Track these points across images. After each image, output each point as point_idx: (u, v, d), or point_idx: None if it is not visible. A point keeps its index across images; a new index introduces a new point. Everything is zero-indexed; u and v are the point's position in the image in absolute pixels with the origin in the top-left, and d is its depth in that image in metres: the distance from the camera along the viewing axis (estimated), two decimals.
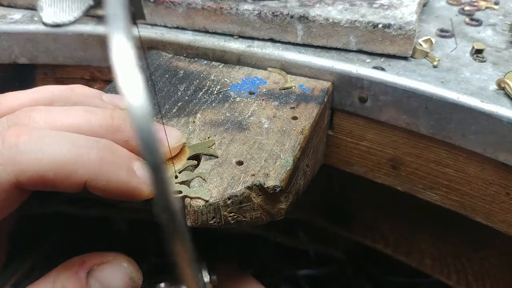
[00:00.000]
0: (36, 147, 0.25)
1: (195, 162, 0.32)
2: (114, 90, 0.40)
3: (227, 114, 0.37)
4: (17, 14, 0.50)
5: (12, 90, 0.51)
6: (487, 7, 0.52)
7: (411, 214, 0.52)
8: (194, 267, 0.18)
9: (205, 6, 0.44)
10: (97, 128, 0.28)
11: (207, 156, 0.33)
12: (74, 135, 0.26)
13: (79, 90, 0.32)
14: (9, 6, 0.51)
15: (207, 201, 0.29)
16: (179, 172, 0.31)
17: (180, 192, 0.29)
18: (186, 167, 0.31)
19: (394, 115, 0.39)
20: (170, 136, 0.30)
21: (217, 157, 0.32)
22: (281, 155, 0.32)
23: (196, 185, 0.30)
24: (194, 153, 0.32)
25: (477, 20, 0.49)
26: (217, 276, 0.36)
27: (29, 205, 0.28)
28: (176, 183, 0.30)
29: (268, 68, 0.42)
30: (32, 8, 0.50)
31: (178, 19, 0.46)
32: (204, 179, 0.30)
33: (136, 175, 0.27)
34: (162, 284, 0.34)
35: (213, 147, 0.33)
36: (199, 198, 0.29)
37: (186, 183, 0.30)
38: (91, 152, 0.25)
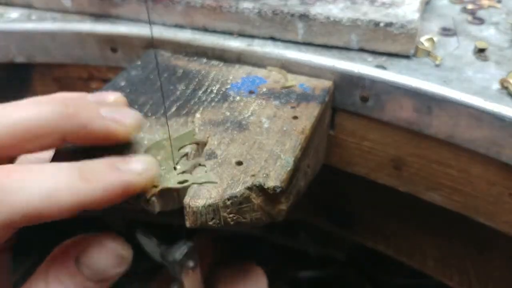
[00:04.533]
0: (23, 186, 0.24)
1: (187, 151, 0.32)
2: (111, 89, 0.39)
3: (227, 114, 0.36)
4: (14, 13, 0.49)
5: (9, 89, 0.51)
6: (489, 6, 0.52)
7: (413, 215, 0.51)
8: None
9: (204, 4, 0.44)
10: (49, 117, 0.27)
11: (206, 155, 0.32)
12: (55, 164, 0.26)
13: (58, 96, 0.31)
14: (6, 4, 0.51)
15: (216, 182, 0.29)
16: (176, 164, 0.30)
17: (186, 181, 0.29)
18: (181, 158, 0.31)
19: (396, 114, 0.39)
20: (126, 116, 0.30)
21: (205, 144, 0.33)
22: (282, 155, 0.32)
23: (199, 171, 0.30)
24: (182, 144, 0.32)
25: (479, 19, 0.48)
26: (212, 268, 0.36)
27: None
28: (178, 174, 0.30)
29: (268, 67, 0.42)
30: (29, 6, 0.50)
31: (176, 17, 0.45)
32: (204, 165, 0.30)
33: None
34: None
35: (195, 136, 0.33)
36: (208, 182, 0.29)
37: (187, 172, 0.30)
38: (74, 174, 0.25)
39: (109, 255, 0.28)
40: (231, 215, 0.29)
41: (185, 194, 0.29)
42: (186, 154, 0.32)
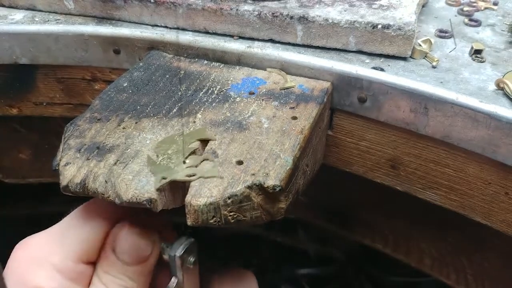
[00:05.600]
0: None
1: (197, 146, 0.33)
2: (114, 90, 0.40)
3: (227, 114, 0.37)
4: (18, 15, 0.50)
5: (14, 90, 0.52)
6: (486, 8, 0.52)
7: (411, 214, 0.52)
8: None
9: (205, 7, 0.44)
10: None
11: (207, 155, 0.33)
12: None
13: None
14: (10, 6, 0.51)
15: (222, 178, 0.30)
16: (186, 158, 0.32)
17: (195, 174, 0.30)
18: (190, 153, 0.32)
19: (393, 115, 0.39)
20: None
21: (215, 139, 0.34)
22: (281, 155, 0.33)
23: (207, 166, 0.31)
24: (193, 140, 0.34)
25: (476, 21, 0.49)
26: (214, 272, 0.37)
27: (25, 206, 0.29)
28: (186, 167, 0.31)
29: (268, 69, 0.43)
30: (33, 8, 0.51)
31: (178, 19, 0.46)
32: (212, 161, 0.32)
33: None
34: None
35: (206, 133, 0.35)
36: (214, 177, 0.30)
37: (195, 167, 0.31)
38: None
39: (135, 236, 0.32)
40: (231, 214, 0.30)
41: (187, 192, 0.30)
42: (195, 150, 0.33)
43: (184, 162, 0.32)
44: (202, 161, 0.32)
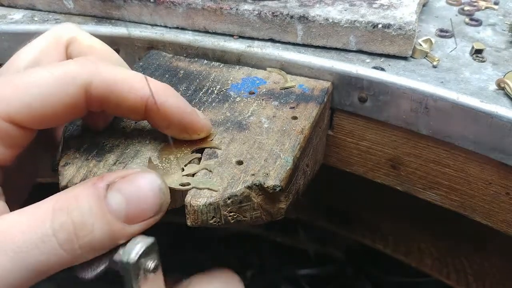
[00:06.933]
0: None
1: (199, 155, 0.33)
2: None
3: (227, 114, 0.37)
4: (17, 14, 0.50)
5: None
6: (487, 7, 0.52)
7: (411, 214, 0.52)
8: None
9: (205, 6, 0.44)
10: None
11: (207, 155, 0.33)
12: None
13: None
14: (9, 6, 0.51)
15: (216, 191, 0.29)
16: (185, 166, 0.31)
17: (189, 184, 0.30)
18: (191, 160, 0.32)
19: (393, 115, 0.39)
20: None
21: (220, 149, 0.33)
22: (281, 155, 0.32)
23: (204, 176, 0.31)
24: (197, 146, 0.33)
25: (476, 20, 0.49)
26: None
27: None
28: (183, 175, 0.30)
29: (268, 68, 0.43)
30: (32, 8, 0.50)
31: (178, 19, 0.46)
32: (210, 171, 0.31)
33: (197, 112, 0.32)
34: None
35: (214, 139, 0.34)
36: (208, 189, 0.30)
37: (192, 175, 0.31)
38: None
39: (149, 184, 0.26)
40: (231, 214, 0.30)
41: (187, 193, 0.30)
42: (196, 158, 0.32)
43: (182, 169, 0.31)
44: (199, 170, 0.31)
